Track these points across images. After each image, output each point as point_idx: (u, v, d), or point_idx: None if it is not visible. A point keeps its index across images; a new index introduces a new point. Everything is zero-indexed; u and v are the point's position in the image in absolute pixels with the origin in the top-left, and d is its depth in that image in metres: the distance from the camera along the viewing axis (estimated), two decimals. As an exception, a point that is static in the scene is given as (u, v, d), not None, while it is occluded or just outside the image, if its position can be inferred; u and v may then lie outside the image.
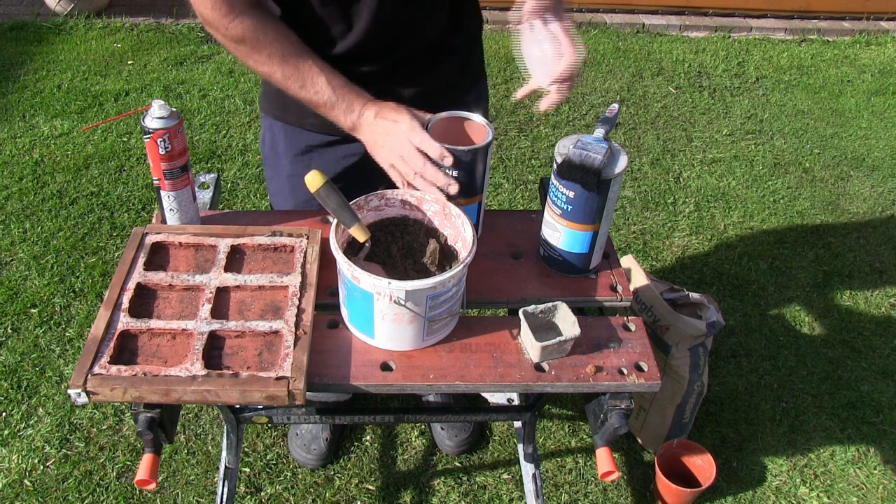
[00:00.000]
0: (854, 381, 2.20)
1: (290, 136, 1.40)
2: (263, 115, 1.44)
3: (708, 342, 1.83)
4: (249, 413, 1.51)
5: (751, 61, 4.06)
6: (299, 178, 1.40)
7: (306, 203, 1.42)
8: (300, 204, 1.43)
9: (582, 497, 1.86)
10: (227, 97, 3.33)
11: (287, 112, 1.38)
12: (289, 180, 1.43)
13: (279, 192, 1.47)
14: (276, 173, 1.46)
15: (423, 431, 1.99)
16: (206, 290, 1.13)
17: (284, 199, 1.46)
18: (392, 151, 1.15)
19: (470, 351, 1.11)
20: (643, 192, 2.93)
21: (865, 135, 3.45)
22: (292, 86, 1.19)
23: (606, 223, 1.18)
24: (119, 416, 1.96)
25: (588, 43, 4.11)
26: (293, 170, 1.41)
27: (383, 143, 1.16)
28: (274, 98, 1.38)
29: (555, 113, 3.41)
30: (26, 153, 2.90)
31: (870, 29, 4.51)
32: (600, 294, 1.22)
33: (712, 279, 2.53)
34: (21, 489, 1.79)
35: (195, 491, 1.81)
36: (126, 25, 3.89)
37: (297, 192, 1.43)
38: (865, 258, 2.68)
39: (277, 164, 1.44)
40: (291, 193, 1.44)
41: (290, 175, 1.43)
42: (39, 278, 2.33)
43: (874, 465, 1.98)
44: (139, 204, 2.67)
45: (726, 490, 1.89)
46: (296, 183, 1.42)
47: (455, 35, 1.36)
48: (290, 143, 1.40)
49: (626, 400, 1.12)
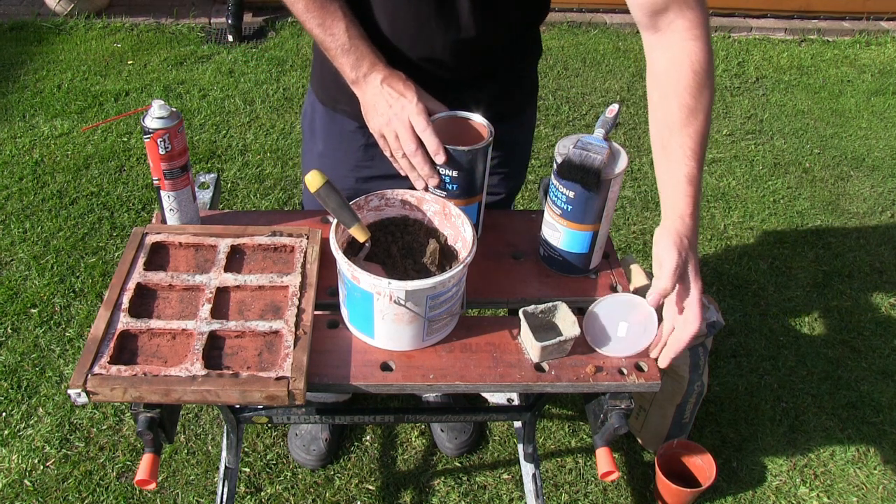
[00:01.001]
0: (854, 381, 2.20)
1: (326, 117, 1.41)
2: (309, 89, 1.46)
3: (708, 342, 1.83)
4: (249, 413, 1.51)
5: (751, 61, 4.06)
6: (328, 158, 1.43)
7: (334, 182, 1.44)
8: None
9: (582, 497, 1.86)
10: (227, 97, 3.33)
11: (325, 93, 1.39)
12: (319, 159, 1.45)
13: (308, 167, 1.48)
14: (310, 150, 1.48)
15: (423, 431, 1.99)
16: (206, 290, 1.13)
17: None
18: (388, 123, 1.13)
19: (470, 351, 1.11)
20: (643, 192, 2.93)
21: (865, 135, 3.45)
22: (311, 21, 1.15)
23: (606, 223, 1.18)
24: (119, 416, 1.96)
25: (588, 43, 4.12)
26: (324, 150, 1.43)
27: (382, 112, 1.14)
28: (317, 74, 1.39)
29: (555, 113, 3.41)
30: (26, 153, 2.90)
31: (870, 29, 4.51)
32: (600, 294, 1.22)
33: (712, 279, 2.53)
34: (21, 489, 1.79)
35: (195, 491, 1.81)
36: (126, 25, 3.89)
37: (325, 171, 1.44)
38: (865, 258, 2.68)
39: (312, 141, 1.46)
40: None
41: (320, 154, 1.45)
42: (39, 278, 2.33)
43: (874, 465, 1.98)
44: (139, 204, 2.67)
45: (726, 490, 1.89)
46: (324, 163, 1.43)
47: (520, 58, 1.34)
48: (324, 124, 1.42)
49: (626, 400, 1.12)
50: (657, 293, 1.03)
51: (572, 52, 4.00)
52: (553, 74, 3.75)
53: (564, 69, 3.82)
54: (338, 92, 1.33)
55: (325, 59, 1.34)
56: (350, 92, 1.31)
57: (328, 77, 1.34)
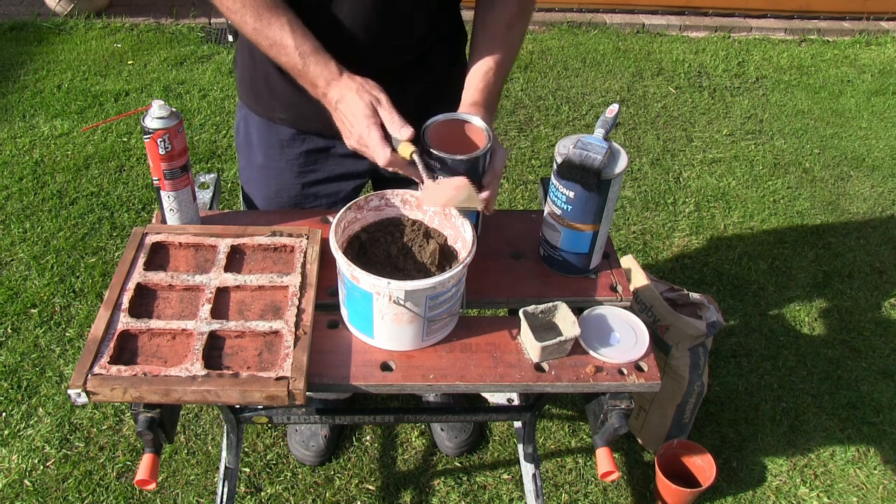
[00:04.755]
0: (854, 381, 2.20)
1: (262, 128, 1.39)
2: (239, 103, 1.44)
3: (708, 342, 1.83)
4: (249, 413, 1.51)
5: (751, 61, 4.06)
6: (270, 170, 1.41)
7: (276, 195, 1.43)
8: (270, 194, 1.44)
9: (582, 497, 1.86)
10: (227, 97, 3.33)
11: (259, 104, 1.37)
12: (260, 171, 1.43)
13: (250, 181, 1.48)
14: (249, 163, 1.46)
15: (423, 431, 1.99)
16: (206, 290, 1.13)
17: (256, 188, 1.47)
18: (353, 142, 1.13)
19: (470, 351, 1.11)
20: (643, 192, 2.93)
21: (865, 135, 3.45)
22: (262, 42, 1.13)
23: (606, 223, 1.18)
24: (119, 416, 1.96)
25: (588, 43, 4.12)
26: (265, 161, 1.41)
27: (345, 132, 1.14)
28: (247, 87, 1.38)
29: (555, 113, 3.41)
30: (26, 153, 2.90)
31: (870, 29, 4.51)
32: (600, 294, 1.22)
33: (712, 279, 2.53)
34: (21, 489, 1.79)
35: (195, 491, 1.81)
36: (126, 25, 3.89)
37: (268, 183, 1.43)
38: (865, 258, 2.68)
39: (250, 153, 1.44)
40: (263, 183, 1.44)
41: (261, 166, 1.43)
42: (39, 278, 2.33)
43: (874, 465, 1.98)
44: (139, 204, 2.67)
45: (726, 490, 1.89)
46: (266, 174, 1.42)
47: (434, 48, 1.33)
48: (261, 136, 1.40)
49: (626, 400, 1.12)
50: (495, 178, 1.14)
51: (572, 52, 4.00)
52: (553, 74, 3.76)
53: (564, 69, 3.82)
54: (272, 100, 1.33)
55: (256, 71, 1.33)
56: (285, 99, 1.31)
57: (260, 87, 1.33)
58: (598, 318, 1.16)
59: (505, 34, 1.23)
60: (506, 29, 1.23)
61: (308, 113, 1.31)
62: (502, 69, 1.23)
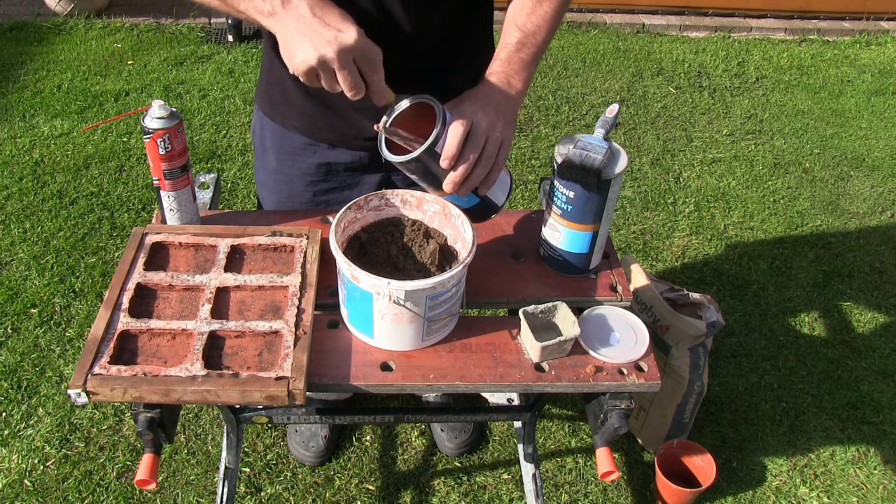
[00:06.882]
0: (854, 381, 2.20)
1: (276, 133, 1.40)
2: (256, 106, 1.45)
3: (708, 342, 1.83)
4: (249, 413, 1.51)
5: (751, 61, 4.06)
6: (282, 175, 1.42)
7: (288, 199, 1.44)
8: (282, 198, 1.45)
9: (582, 497, 1.86)
10: (227, 97, 3.33)
11: (274, 110, 1.38)
12: (273, 175, 1.44)
13: (264, 182, 1.49)
14: (263, 165, 1.47)
15: (423, 431, 1.99)
16: (206, 290, 1.13)
17: (268, 191, 1.48)
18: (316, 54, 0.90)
19: (470, 351, 1.11)
20: (643, 192, 2.93)
21: (865, 135, 3.45)
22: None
23: (606, 223, 1.18)
24: (119, 416, 1.96)
25: (588, 43, 4.12)
26: (278, 167, 1.42)
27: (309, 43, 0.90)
28: (263, 92, 1.38)
29: (555, 113, 3.41)
30: (26, 153, 2.90)
31: (870, 29, 4.51)
32: (600, 294, 1.22)
33: (712, 279, 2.53)
34: (21, 489, 1.79)
35: (195, 491, 1.81)
36: (126, 25, 3.89)
37: (279, 188, 1.44)
38: (865, 258, 2.68)
39: (265, 156, 1.45)
40: (275, 187, 1.46)
41: (274, 171, 1.43)
42: (39, 278, 2.33)
43: (874, 465, 1.98)
44: (139, 204, 2.67)
45: (726, 490, 1.89)
46: (279, 179, 1.43)
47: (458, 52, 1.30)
48: (275, 141, 1.41)
49: (626, 400, 1.12)
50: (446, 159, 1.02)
51: (572, 52, 4.00)
52: (553, 74, 3.76)
53: (564, 69, 3.82)
54: (286, 107, 1.33)
55: (272, 76, 1.32)
56: (298, 106, 1.30)
57: (275, 92, 1.33)
58: (598, 318, 1.16)
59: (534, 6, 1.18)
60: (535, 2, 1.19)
61: (321, 123, 1.32)
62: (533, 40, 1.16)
